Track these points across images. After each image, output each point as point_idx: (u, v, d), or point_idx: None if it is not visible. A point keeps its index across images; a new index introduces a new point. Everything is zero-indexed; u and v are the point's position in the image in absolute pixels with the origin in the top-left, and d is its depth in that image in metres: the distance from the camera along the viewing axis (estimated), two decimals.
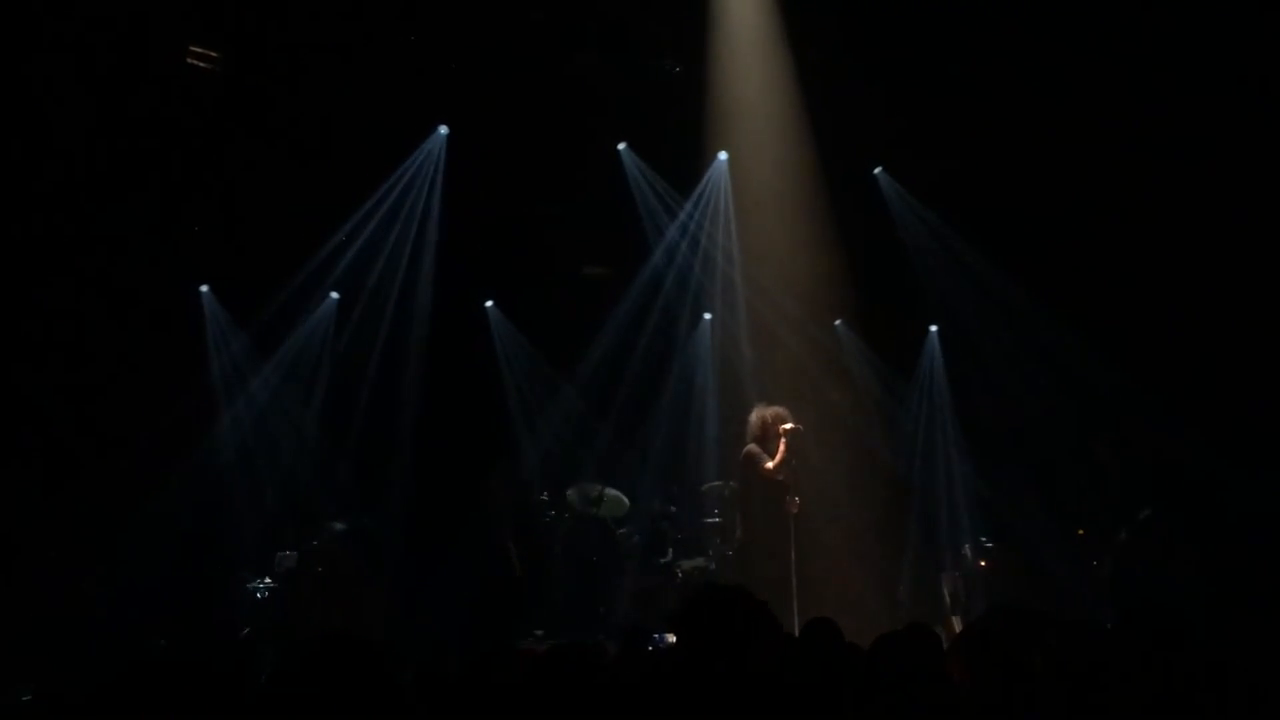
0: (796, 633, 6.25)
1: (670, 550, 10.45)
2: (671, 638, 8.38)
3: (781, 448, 8.89)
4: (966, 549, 10.17)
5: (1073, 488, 10.10)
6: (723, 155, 11.11)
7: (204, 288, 10.91)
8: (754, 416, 9.16)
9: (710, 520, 10.34)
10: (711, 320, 11.62)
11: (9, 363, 9.34)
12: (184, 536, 9.66)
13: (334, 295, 11.20)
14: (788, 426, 8.93)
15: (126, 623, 8.71)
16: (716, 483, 10.46)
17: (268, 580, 9.56)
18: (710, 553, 10.18)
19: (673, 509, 10.94)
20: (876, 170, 11.38)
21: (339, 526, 9.90)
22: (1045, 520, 10.05)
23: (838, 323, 11.37)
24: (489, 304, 11.88)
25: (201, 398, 10.63)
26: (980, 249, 10.95)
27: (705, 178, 11.25)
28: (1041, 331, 10.59)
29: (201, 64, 10.07)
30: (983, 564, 10.03)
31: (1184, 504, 9.32)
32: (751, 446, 9.00)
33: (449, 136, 10.97)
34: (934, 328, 11.70)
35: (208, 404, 10.69)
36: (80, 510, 9.25)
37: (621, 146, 11.31)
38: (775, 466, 8.84)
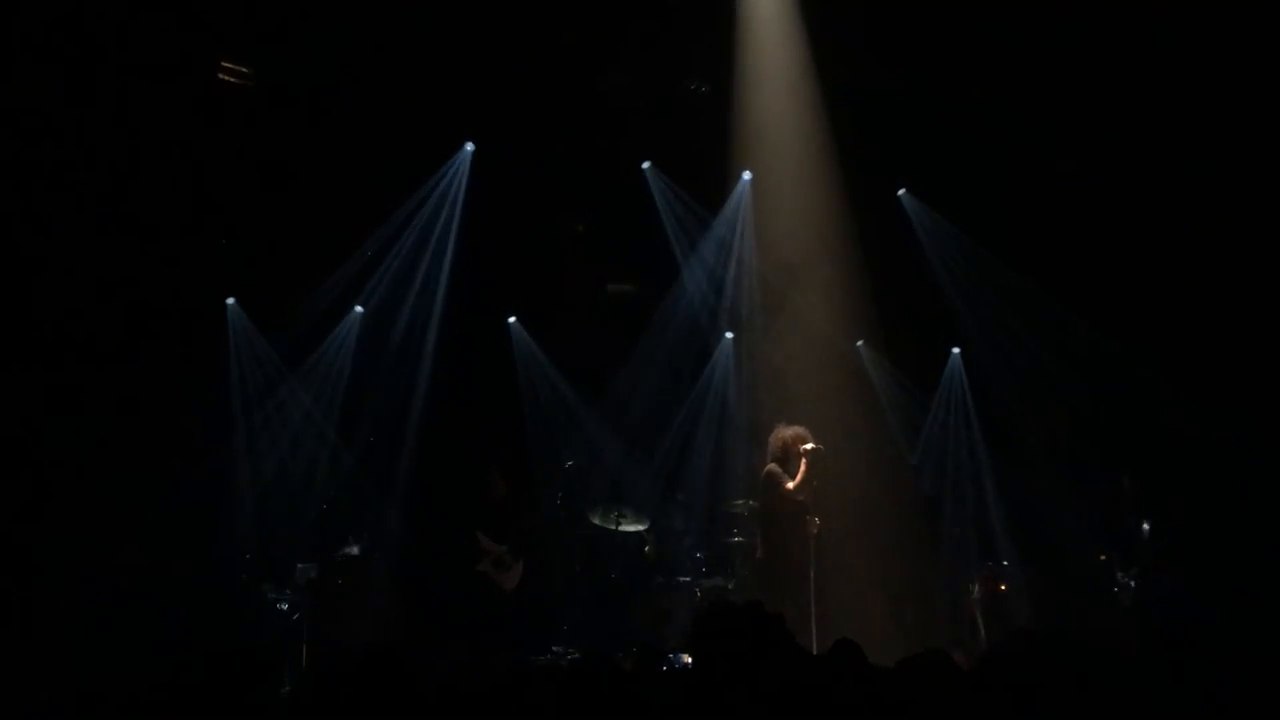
0: (815, 652, 6.23)
1: (690, 569, 10.43)
2: (687, 658, 8.37)
3: (803, 468, 8.88)
4: (988, 572, 10.12)
5: (1098, 512, 10.04)
6: (747, 175, 11.14)
7: (230, 300, 10.99)
8: (775, 437, 9.16)
9: (731, 540, 10.32)
10: (734, 339, 11.63)
11: (35, 373, 9.42)
12: (204, 548, 9.71)
13: (358, 309, 11.27)
14: (809, 446, 8.92)
15: (146, 632, 8.75)
16: (737, 502, 10.44)
17: (288, 592, 9.59)
18: (730, 572, 10.16)
19: (692, 527, 10.92)
20: (900, 192, 11.39)
21: (359, 539, 9.93)
22: (1070, 544, 9.99)
23: (860, 343, 11.36)
24: (512, 320, 11.92)
25: (224, 409, 10.70)
26: (1004, 270, 10.93)
27: (730, 197, 11.28)
28: (1066, 353, 10.56)
29: (232, 79, 10.19)
30: (1004, 587, 9.97)
31: (1211, 530, 9.24)
32: (772, 466, 8.99)
33: (475, 153, 11.03)
34: (957, 349, 11.67)
35: (230, 416, 10.75)
36: (101, 520, 9.30)
37: (646, 165, 11.35)
38: (796, 487, 8.84)
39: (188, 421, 9.99)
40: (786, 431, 9.08)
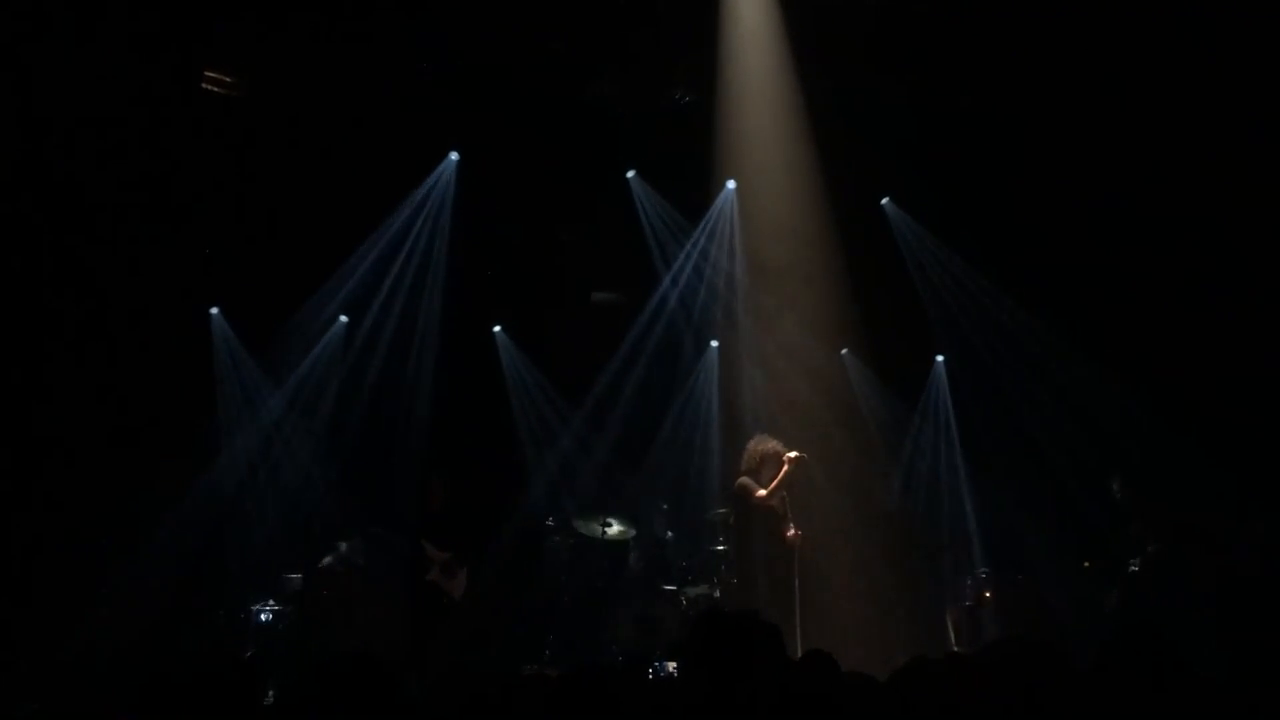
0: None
1: (675, 577, 10.43)
2: (671, 665, 8.36)
3: (780, 474, 8.85)
4: (971, 580, 10.14)
5: (1080, 520, 10.08)
6: (731, 184, 11.17)
7: (214, 310, 10.96)
8: (750, 448, 9.12)
9: (715, 547, 10.32)
10: (718, 347, 11.65)
11: (17, 383, 9.37)
12: (190, 558, 9.67)
13: (343, 319, 11.25)
14: (792, 455, 8.90)
15: (131, 643, 8.70)
16: (721, 510, 10.44)
17: (273, 603, 9.54)
18: (715, 580, 10.16)
19: (677, 535, 10.92)
20: (884, 200, 11.44)
21: (344, 549, 9.90)
22: (1051, 552, 10.02)
23: (844, 351, 11.39)
24: (497, 329, 11.92)
25: (209, 419, 10.66)
26: (987, 279, 10.98)
27: (714, 205, 11.30)
28: (1048, 362, 10.61)
29: (216, 88, 10.16)
30: (987, 596, 10.00)
31: (1194, 538, 9.28)
32: (743, 478, 8.96)
33: (460, 162, 11.03)
34: (940, 357, 11.72)
35: (215, 426, 10.71)
36: (86, 531, 9.26)
37: (631, 174, 11.38)
38: (767, 494, 8.79)
39: (172, 432, 9.95)
40: (762, 445, 9.05)
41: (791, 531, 8.83)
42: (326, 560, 9.79)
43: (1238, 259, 9.64)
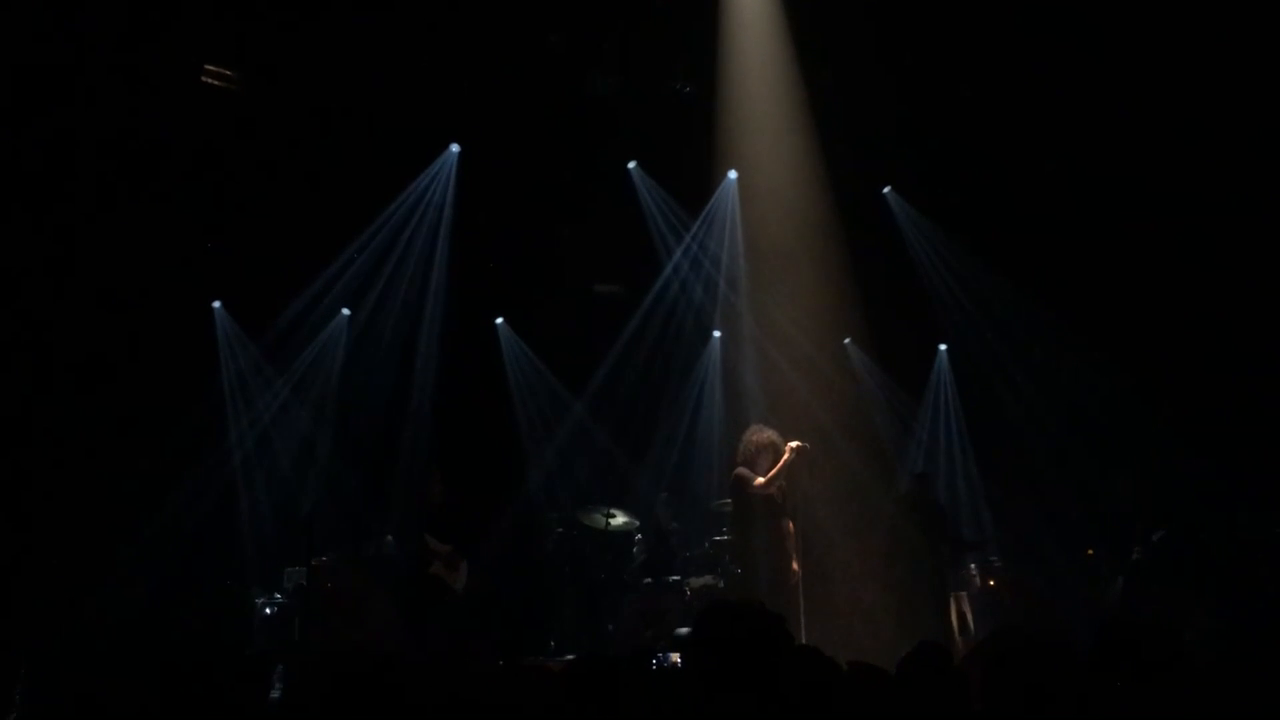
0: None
1: (679, 568, 10.44)
2: (675, 657, 8.38)
3: (779, 463, 8.83)
4: (975, 569, 10.15)
5: (1083, 508, 10.09)
6: (732, 174, 11.16)
7: (216, 303, 10.97)
8: (746, 439, 9.09)
9: (719, 538, 10.33)
10: (720, 338, 11.65)
11: (18, 376, 9.39)
12: (193, 552, 9.69)
13: (345, 311, 11.25)
14: (794, 444, 8.88)
15: (134, 637, 8.72)
16: (725, 500, 10.45)
17: (276, 596, 9.57)
18: (719, 570, 10.17)
19: (681, 526, 10.94)
20: (886, 190, 11.43)
21: (348, 543, 9.91)
22: (1055, 540, 10.04)
23: (847, 341, 11.39)
24: (499, 321, 11.93)
25: (212, 413, 10.68)
26: (989, 268, 10.98)
27: (715, 196, 11.30)
28: (1050, 351, 10.62)
29: (217, 82, 10.15)
30: (991, 584, 10.01)
31: (1197, 526, 9.29)
32: (740, 468, 8.95)
33: (461, 154, 11.03)
34: (943, 346, 11.72)
35: (218, 419, 10.73)
36: (88, 523, 9.28)
37: (632, 165, 11.37)
38: (765, 482, 8.76)
39: (175, 425, 9.97)
40: (761, 434, 9.01)
41: (789, 524, 8.82)
42: (330, 554, 9.80)
43: (1241, 249, 9.63)
